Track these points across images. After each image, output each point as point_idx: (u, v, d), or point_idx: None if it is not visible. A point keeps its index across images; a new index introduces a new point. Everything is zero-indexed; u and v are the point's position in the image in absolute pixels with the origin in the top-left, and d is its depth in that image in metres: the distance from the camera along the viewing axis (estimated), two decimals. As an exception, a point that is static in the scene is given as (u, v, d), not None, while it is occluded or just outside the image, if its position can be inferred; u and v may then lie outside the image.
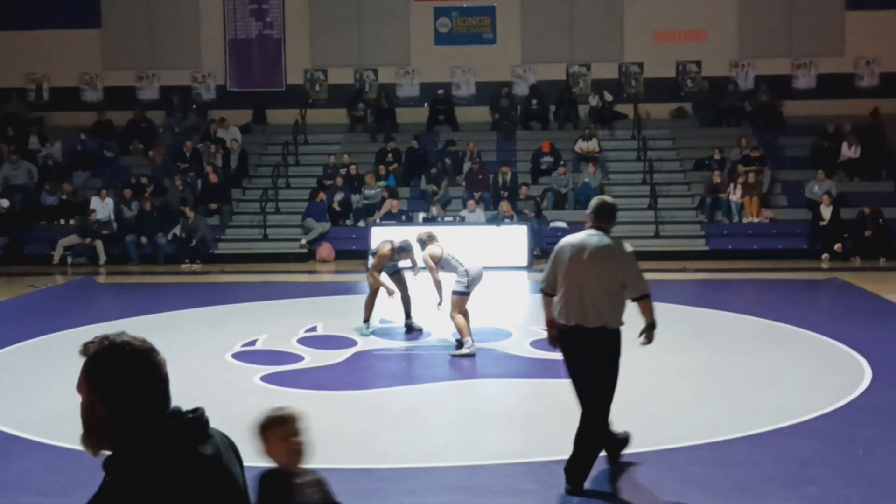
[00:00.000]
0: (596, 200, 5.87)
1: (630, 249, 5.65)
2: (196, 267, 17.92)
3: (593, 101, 22.07)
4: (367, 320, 10.56)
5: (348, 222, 19.32)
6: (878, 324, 11.19)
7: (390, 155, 20.53)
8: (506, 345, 10.00)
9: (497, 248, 16.92)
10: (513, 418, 7.44)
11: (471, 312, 9.68)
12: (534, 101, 22.07)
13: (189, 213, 18.38)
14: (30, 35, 22.71)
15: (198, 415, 2.22)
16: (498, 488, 5.71)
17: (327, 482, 3.47)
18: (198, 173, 20.16)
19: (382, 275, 10.55)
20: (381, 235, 13.89)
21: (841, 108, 21.22)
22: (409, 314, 10.79)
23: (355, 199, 19.41)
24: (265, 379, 8.53)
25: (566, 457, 5.60)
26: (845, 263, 17.27)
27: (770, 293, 14.72)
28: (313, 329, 10.88)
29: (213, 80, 23.12)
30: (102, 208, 18.98)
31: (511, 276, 16.22)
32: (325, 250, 18.47)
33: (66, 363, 2.97)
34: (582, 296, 5.53)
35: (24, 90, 23.23)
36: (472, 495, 5.59)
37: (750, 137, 20.54)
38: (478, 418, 7.39)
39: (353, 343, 10.10)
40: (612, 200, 5.92)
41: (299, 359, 9.36)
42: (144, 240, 18.45)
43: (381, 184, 19.66)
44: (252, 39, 22.89)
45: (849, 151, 20.06)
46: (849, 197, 19.03)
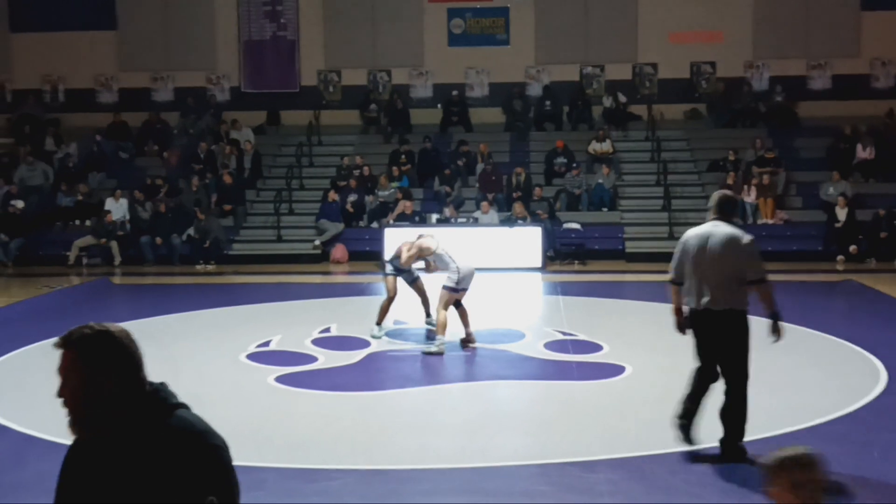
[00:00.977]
0: (717, 194, 6.37)
1: (750, 238, 6.13)
2: (210, 268, 17.97)
3: (607, 102, 22.01)
4: (379, 323, 10.55)
5: (362, 223, 19.34)
6: (893, 326, 11.14)
7: (404, 156, 20.54)
8: (519, 346, 9.98)
9: (511, 249, 16.91)
10: (527, 420, 7.45)
11: (477, 313, 9.65)
12: (547, 102, 22.04)
13: (199, 214, 18.45)
14: (46, 37, 22.84)
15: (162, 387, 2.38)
16: (512, 490, 5.71)
17: None
18: (212, 175, 20.23)
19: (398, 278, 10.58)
20: (395, 237, 13.91)
21: (856, 109, 21.09)
22: (429, 313, 10.84)
23: (369, 200, 19.44)
24: (279, 380, 8.55)
25: (580, 459, 5.60)
26: (860, 265, 17.17)
27: (785, 295, 14.45)
28: (327, 330, 10.90)
29: (227, 81, 23.19)
30: (117, 209, 19.05)
31: (525, 278, 16.20)
32: (338, 251, 18.49)
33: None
34: (709, 281, 6.04)
35: (40, 91, 23.35)
36: (486, 497, 5.59)
37: (765, 138, 20.44)
38: (491, 420, 7.39)
39: (367, 344, 10.11)
40: (731, 193, 6.51)
41: (313, 360, 9.38)
42: (159, 241, 18.51)
43: (395, 185, 19.67)
44: (266, 41, 22.96)
45: (864, 152, 19.95)
46: (864, 198, 18.91)
